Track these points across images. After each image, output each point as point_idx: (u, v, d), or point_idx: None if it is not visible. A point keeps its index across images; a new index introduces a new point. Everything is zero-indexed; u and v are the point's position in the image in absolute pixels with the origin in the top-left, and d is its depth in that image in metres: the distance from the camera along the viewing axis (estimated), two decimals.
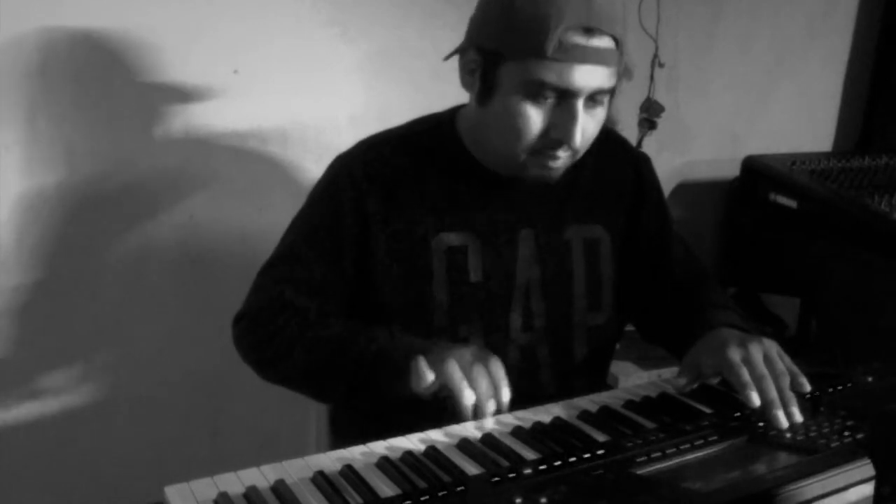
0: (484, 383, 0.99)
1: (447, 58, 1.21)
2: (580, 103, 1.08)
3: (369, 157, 1.22)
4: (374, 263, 1.20)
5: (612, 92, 1.12)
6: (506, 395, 1.00)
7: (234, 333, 1.24)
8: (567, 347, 1.28)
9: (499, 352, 1.21)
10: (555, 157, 1.13)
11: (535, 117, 1.09)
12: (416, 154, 1.22)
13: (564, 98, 1.08)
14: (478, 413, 0.99)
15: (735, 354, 1.04)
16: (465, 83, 1.17)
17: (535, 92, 1.07)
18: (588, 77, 1.06)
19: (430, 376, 0.98)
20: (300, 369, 1.16)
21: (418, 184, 1.21)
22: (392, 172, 1.20)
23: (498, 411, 1.02)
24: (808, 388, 1.04)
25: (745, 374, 1.02)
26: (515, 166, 1.16)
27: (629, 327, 1.43)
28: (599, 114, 1.13)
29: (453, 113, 1.27)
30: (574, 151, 1.13)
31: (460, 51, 1.17)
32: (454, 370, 0.98)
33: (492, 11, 1.09)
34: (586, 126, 1.11)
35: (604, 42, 1.06)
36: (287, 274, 1.20)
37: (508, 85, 1.09)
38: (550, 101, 1.08)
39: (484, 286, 1.21)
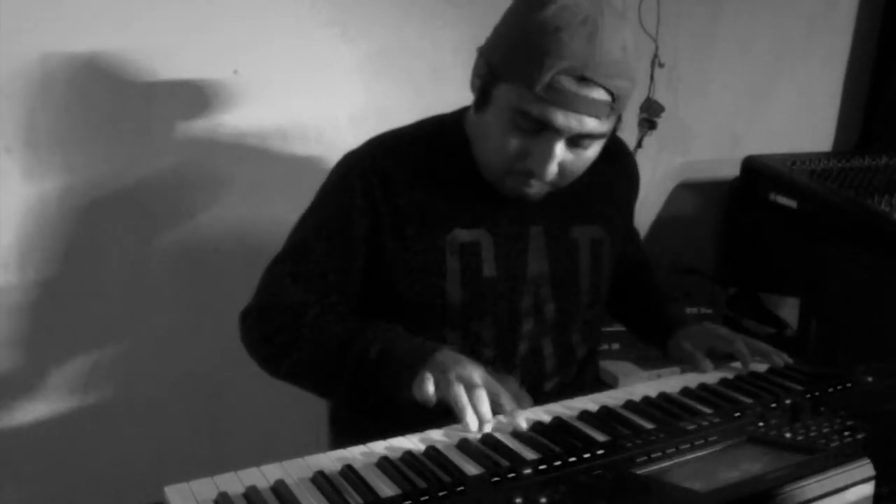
0: (485, 407, 1.01)
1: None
2: (559, 142, 1.09)
3: (379, 155, 1.23)
4: (386, 259, 1.21)
5: (601, 136, 1.13)
6: (522, 422, 1.02)
7: (242, 329, 1.25)
8: (568, 341, 1.30)
9: (508, 344, 1.24)
10: (528, 184, 1.16)
11: (513, 143, 1.11)
12: (426, 153, 1.23)
13: (545, 132, 1.09)
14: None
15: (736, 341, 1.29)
16: (472, 89, 1.18)
17: (518, 119, 1.09)
18: (573, 122, 1.07)
19: (433, 398, 1.01)
20: (303, 366, 1.17)
21: (429, 182, 1.22)
22: (402, 170, 1.21)
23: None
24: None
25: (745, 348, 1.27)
26: (493, 178, 1.19)
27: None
28: (586, 154, 1.14)
29: (460, 114, 1.28)
30: (548, 184, 1.15)
31: (478, 52, 1.17)
32: (460, 394, 1.00)
33: (505, 28, 1.10)
34: (567, 163, 1.13)
35: (597, 94, 1.05)
36: (294, 269, 1.21)
37: (498, 104, 1.11)
38: (532, 131, 1.09)
39: (497, 281, 1.23)
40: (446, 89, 1.25)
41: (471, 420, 0.99)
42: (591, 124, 1.08)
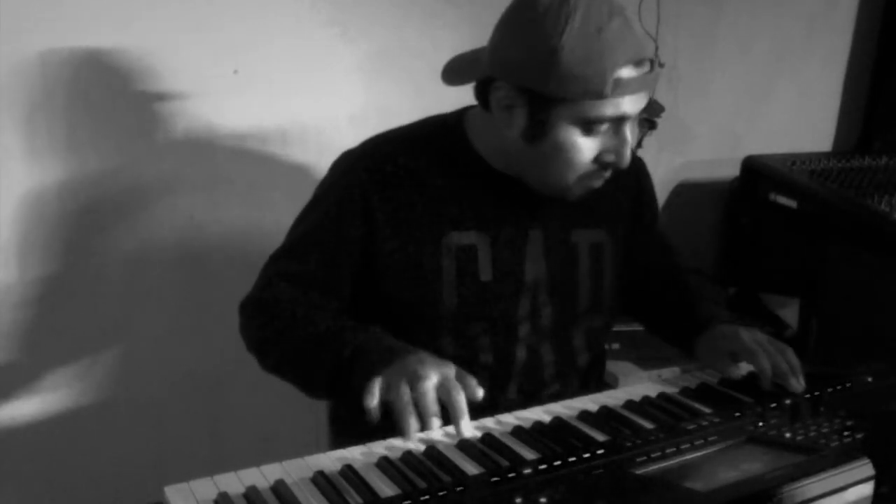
0: (431, 410, 0.96)
1: (463, 82, 1.19)
2: (629, 126, 1.12)
3: (375, 156, 1.22)
4: (380, 261, 1.20)
5: None
6: (465, 428, 0.99)
7: (240, 319, 1.26)
8: (569, 348, 1.29)
9: (506, 350, 1.23)
10: (602, 177, 1.17)
11: (588, 147, 1.12)
12: (424, 154, 1.23)
13: (616, 124, 1.11)
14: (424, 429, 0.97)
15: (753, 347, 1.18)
16: (500, 118, 1.14)
17: (589, 127, 1.10)
18: (638, 103, 1.10)
19: (374, 402, 0.97)
20: (287, 361, 1.18)
21: (426, 183, 1.21)
22: (398, 172, 1.21)
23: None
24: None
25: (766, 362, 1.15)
26: (560, 190, 1.18)
27: (630, 327, 1.45)
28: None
29: (460, 114, 1.27)
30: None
31: (484, 80, 1.14)
32: (403, 394, 0.96)
33: (532, 54, 1.06)
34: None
35: (647, 67, 1.09)
36: (287, 268, 1.22)
37: (562, 124, 1.10)
38: (603, 129, 1.11)
39: (493, 285, 1.22)
40: (446, 89, 1.25)
41: (410, 425, 0.94)
42: (647, 97, 1.11)
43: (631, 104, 1.09)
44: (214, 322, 1.78)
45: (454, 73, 1.22)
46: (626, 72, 1.06)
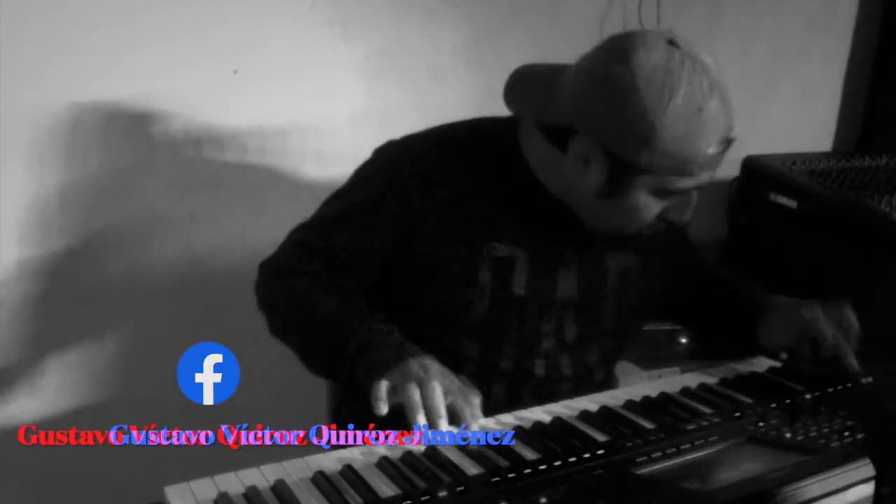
0: (439, 411, 0.98)
1: (545, 126, 1.17)
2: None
3: (422, 158, 1.21)
4: (416, 261, 1.20)
5: None
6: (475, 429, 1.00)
7: (257, 277, 1.28)
8: (587, 363, 1.29)
9: (526, 360, 1.23)
10: (659, 229, 1.18)
11: (657, 208, 1.13)
12: (473, 161, 1.21)
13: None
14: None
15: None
16: (575, 167, 1.12)
17: (667, 195, 1.11)
18: (713, 174, 1.11)
19: (385, 409, 0.98)
20: (294, 334, 1.20)
21: (472, 191, 1.20)
22: (445, 177, 1.19)
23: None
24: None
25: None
26: (614, 233, 1.20)
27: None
28: None
29: (514, 125, 1.24)
30: None
31: (565, 127, 1.12)
32: (413, 395, 0.98)
33: (627, 123, 1.04)
34: None
35: (728, 142, 1.09)
36: (311, 241, 1.24)
37: (641, 189, 1.10)
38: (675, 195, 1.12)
39: (524, 300, 1.21)
40: (447, 89, 1.24)
41: (419, 421, 0.96)
42: None
43: (709, 177, 1.10)
44: (215, 322, 1.78)
45: (524, 98, 1.19)
46: (714, 149, 1.06)
